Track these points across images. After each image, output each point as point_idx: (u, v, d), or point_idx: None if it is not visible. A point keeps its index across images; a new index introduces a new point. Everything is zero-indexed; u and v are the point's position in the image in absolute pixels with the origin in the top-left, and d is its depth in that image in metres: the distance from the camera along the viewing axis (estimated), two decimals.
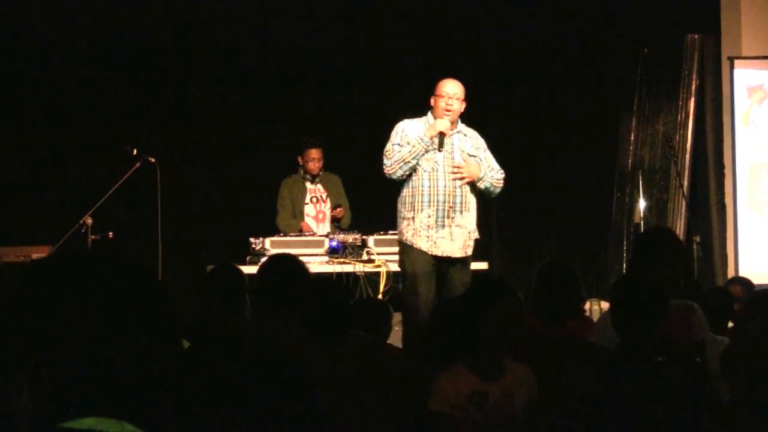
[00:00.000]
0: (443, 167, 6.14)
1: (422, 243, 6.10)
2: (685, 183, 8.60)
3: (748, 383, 3.50)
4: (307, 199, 7.81)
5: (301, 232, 7.53)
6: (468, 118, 6.38)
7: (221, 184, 8.78)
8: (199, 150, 8.77)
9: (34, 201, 8.35)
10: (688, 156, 8.68)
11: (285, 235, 7.35)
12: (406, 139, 6.14)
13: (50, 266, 1.40)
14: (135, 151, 7.46)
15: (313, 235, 7.40)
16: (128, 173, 7.39)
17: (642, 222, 8.32)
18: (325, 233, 7.43)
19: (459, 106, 6.22)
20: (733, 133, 8.58)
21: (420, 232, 6.11)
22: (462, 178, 6.16)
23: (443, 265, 6.15)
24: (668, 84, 8.86)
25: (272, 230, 7.52)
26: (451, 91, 6.21)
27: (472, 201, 6.25)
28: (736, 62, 8.63)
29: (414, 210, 6.13)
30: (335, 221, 7.80)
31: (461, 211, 6.16)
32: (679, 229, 8.59)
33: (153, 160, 7.46)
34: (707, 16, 8.86)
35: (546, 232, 9.04)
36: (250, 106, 8.86)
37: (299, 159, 7.84)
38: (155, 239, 7.44)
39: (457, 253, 6.15)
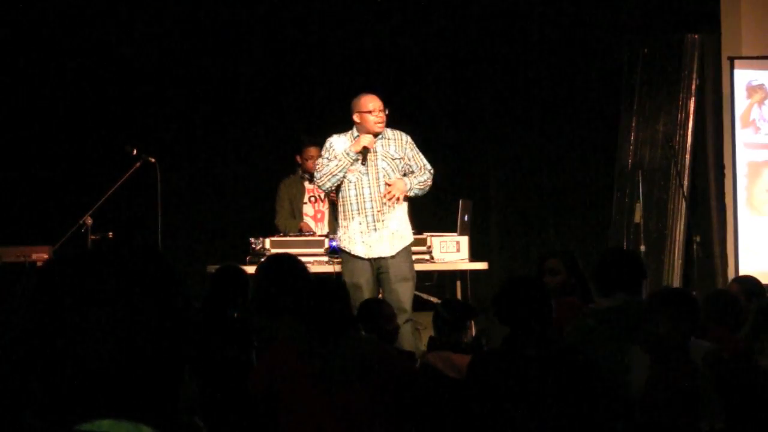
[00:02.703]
0: (368, 176, 6.59)
1: (358, 248, 6.54)
2: (685, 183, 8.58)
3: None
4: (306, 199, 7.81)
5: (300, 232, 7.52)
6: (468, 118, 6.40)
7: (221, 184, 8.78)
8: (199, 150, 8.77)
9: (34, 201, 8.34)
10: (688, 156, 8.67)
11: (285, 235, 7.34)
12: (333, 154, 6.57)
13: (71, 263, 1.38)
14: (135, 151, 7.47)
15: (313, 235, 7.40)
16: (128, 173, 7.39)
17: (642, 222, 8.32)
18: (325, 233, 7.43)
19: (385, 116, 6.63)
20: (733, 133, 8.57)
21: (354, 238, 6.55)
22: (397, 199, 6.58)
23: (376, 263, 6.56)
24: (668, 84, 8.85)
25: (272, 230, 7.52)
26: (379, 105, 6.60)
27: (397, 204, 6.66)
28: (736, 62, 8.62)
29: (346, 218, 6.60)
30: (334, 207, 7.79)
31: (389, 214, 6.59)
32: (679, 229, 8.59)
33: (153, 160, 7.47)
34: (707, 16, 8.85)
35: (546, 232, 9.04)
36: (249, 106, 8.86)
37: (298, 158, 7.83)
38: (155, 239, 7.43)
39: (388, 252, 6.56)
